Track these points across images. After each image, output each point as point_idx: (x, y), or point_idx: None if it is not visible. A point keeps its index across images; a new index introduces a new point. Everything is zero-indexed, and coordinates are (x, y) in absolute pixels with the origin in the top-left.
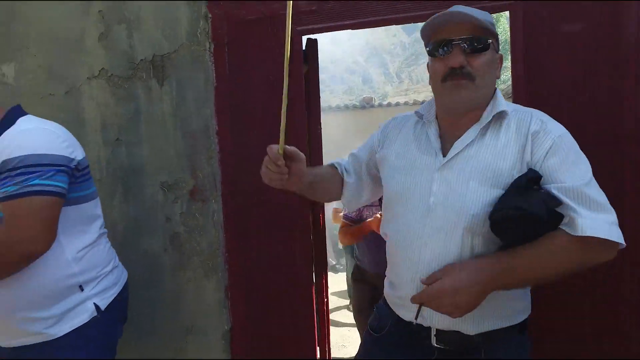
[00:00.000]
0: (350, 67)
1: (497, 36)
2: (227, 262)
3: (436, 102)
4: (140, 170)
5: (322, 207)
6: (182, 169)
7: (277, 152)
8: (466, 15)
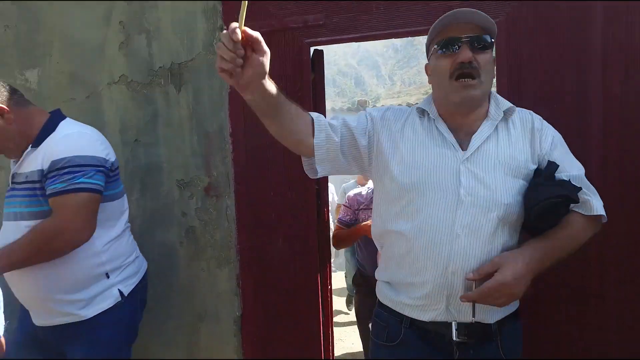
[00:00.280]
0: (342, 69)
1: (495, 37)
2: (238, 254)
3: (441, 99)
4: (157, 169)
5: (327, 203)
6: (198, 168)
7: (236, 30)
8: (473, 15)
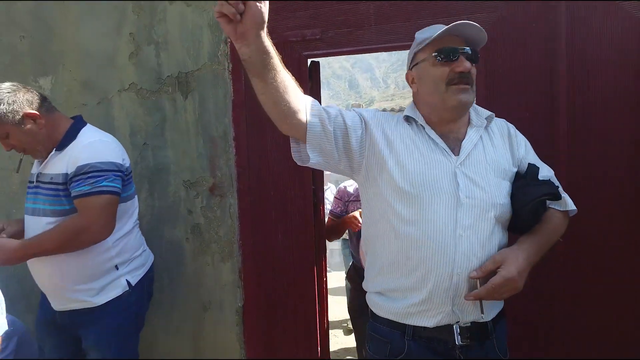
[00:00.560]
0: (336, 72)
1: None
2: (241, 248)
3: (435, 104)
4: (165, 170)
5: (322, 201)
6: (203, 169)
7: None
8: (472, 29)
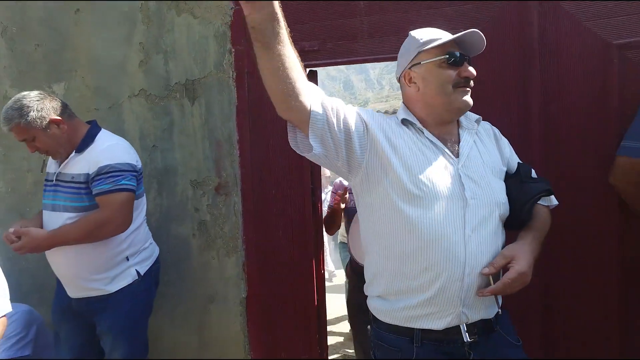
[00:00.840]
0: (331, 73)
1: None
2: (244, 243)
3: (438, 105)
4: (173, 171)
5: (321, 200)
6: (209, 170)
7: None
8: (480, 40)
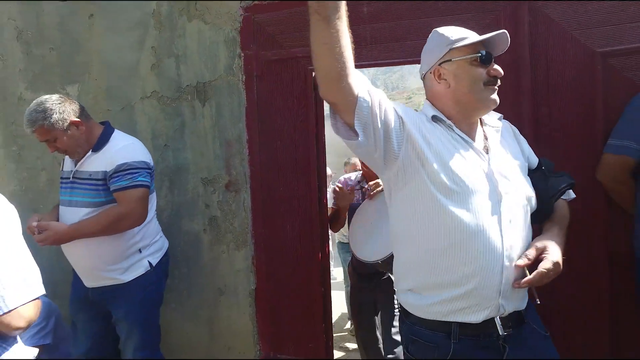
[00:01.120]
0: None
1: None
2: (253, 238)
3: (468, 102)
4: (185, 169)
5: (326, 196)
6: (219, 168)
7: None
8: (505, 40)
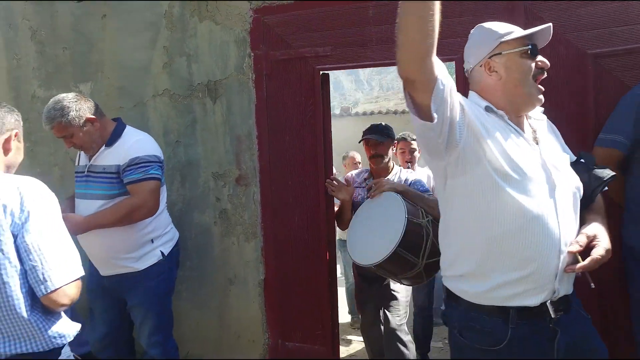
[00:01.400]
0: None
1: None
2: (262, 229)
3: (519, 95)
4: (196, 164)
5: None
6: (230, 163)
7: None
8: (548, 34)
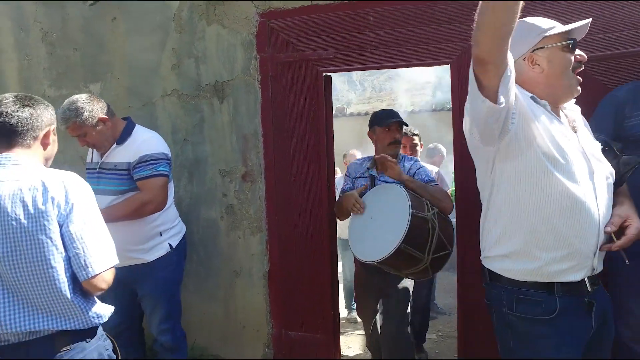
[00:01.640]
0: None
1: None
2: (267, 224)
3: (560, 87)
4: (203, 161)
5: (334, 184)
6: (236, 160)
7: None
8: (585, 28)
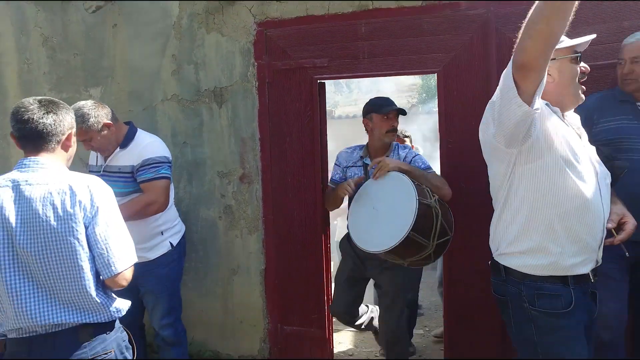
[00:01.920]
0: None
1: None
2: (264, 223)
3: (568, 95)
4: (202, 164)
5: (328, 184)
6: (234, 163)
7: None
8: (588, 43)
